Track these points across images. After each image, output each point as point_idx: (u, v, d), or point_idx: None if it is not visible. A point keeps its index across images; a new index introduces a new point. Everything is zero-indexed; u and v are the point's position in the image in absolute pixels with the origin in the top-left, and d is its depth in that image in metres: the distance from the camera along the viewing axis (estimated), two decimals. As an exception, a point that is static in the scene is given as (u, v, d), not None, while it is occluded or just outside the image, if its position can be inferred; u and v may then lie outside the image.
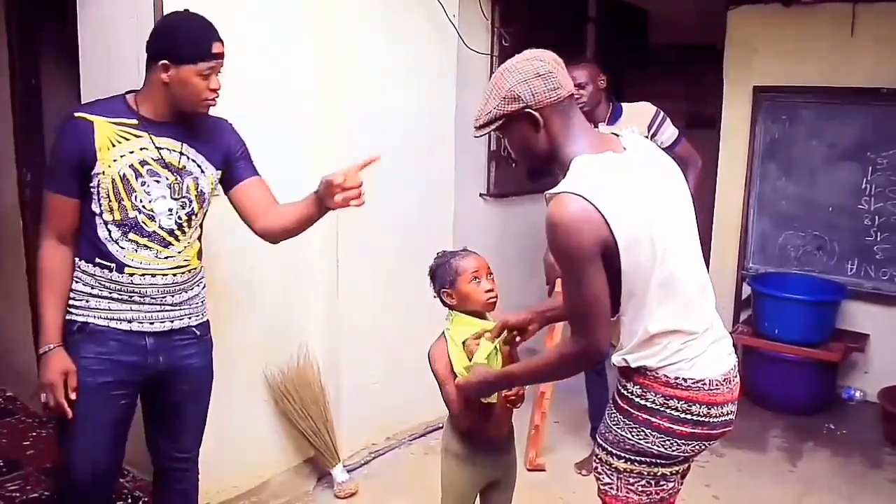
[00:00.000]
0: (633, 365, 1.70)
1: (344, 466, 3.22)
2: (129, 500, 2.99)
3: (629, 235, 1.57)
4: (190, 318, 2.15)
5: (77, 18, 2.74)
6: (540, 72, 1.62)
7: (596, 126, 3.07)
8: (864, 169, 4.10)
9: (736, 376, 1.78)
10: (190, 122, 2.06)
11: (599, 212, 1.54)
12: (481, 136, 1.75)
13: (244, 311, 2.92)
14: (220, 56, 1.98)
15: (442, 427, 3.70)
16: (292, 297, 3.17)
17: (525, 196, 4.50)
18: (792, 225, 4.37)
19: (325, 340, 3.27)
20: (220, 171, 2.15)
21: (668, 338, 1.67)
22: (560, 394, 3.61)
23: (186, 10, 2.04)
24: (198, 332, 2.18)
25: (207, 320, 2.24)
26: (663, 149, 2.03)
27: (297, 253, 3.14)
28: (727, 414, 1.74)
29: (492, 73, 4.10)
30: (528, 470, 3.37)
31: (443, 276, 2.17)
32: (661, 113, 3.25)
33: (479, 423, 2.12)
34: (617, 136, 1.75)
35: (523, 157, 1.74)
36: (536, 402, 3.42)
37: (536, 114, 1.63)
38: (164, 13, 2.49)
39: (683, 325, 1.68)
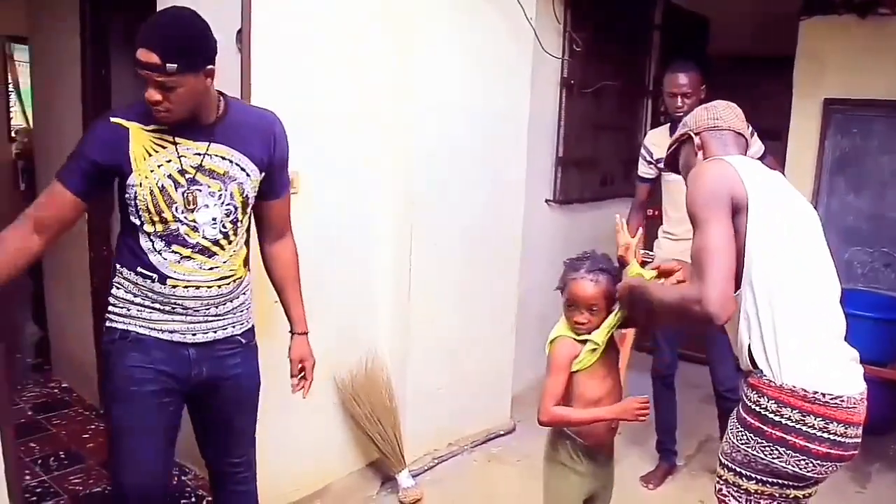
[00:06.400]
0: (765, 375, 1.67)
1: (409, 472, 3.17)
2: (193, 499, 2.96)
3: (761, 202, 1.69)
4: (234, 326, 2.03)
5: (155, 7, 2.70)
6: (707, 107, 1.97)
7: None
8: (937, 185, 4.00)
9: (865, 401, 1.72)
10: (231, 122, 1.92)
11: (737, 172, 1.72)
12: (665, 165, 2.16)
13: (314, 316, 2.85)
14: (146, 66, 1.71)
15: (503, 435, 3.68)
16: (362, 301, 3.13)
17: (590, 203, 4.45)
18: (859, 241, 4.25)
19: (393, 345, 3.22)
20: (263, 174, 1.99)
21: (799, 338, 1.65)
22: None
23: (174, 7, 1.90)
24: (243, 340, 2.07)
25: (252, 326, 2.12)
26: None
27: (368, 257, 3.11)
28: (858, 436, 1.69)
29: (562, 76, 4.14)
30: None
31: (562, 277, 2.13)
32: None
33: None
34: None
35: (686, 176, 1.90)
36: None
37: (696, 137, 1.94)
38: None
39: (817, 329, 1.69)
